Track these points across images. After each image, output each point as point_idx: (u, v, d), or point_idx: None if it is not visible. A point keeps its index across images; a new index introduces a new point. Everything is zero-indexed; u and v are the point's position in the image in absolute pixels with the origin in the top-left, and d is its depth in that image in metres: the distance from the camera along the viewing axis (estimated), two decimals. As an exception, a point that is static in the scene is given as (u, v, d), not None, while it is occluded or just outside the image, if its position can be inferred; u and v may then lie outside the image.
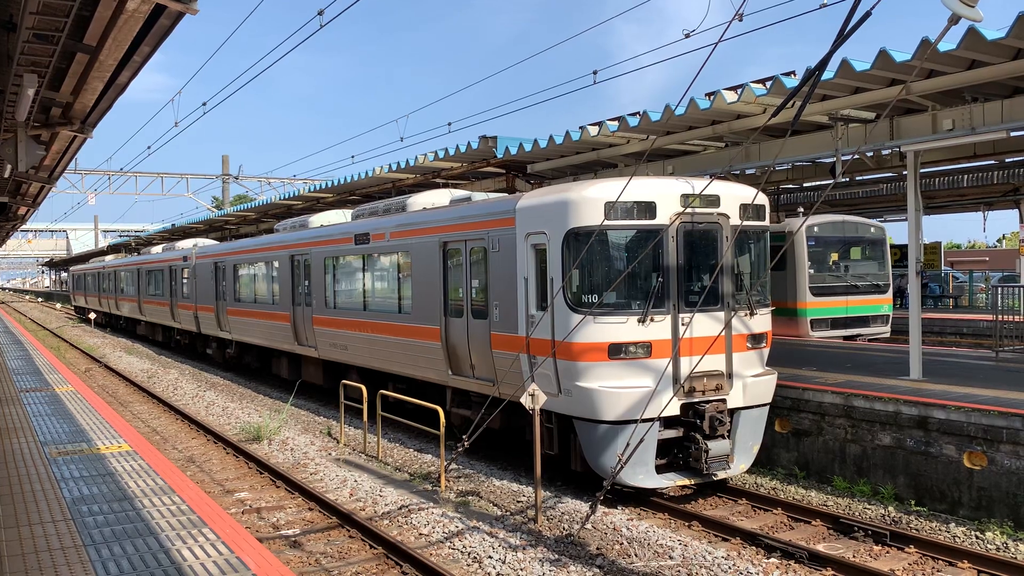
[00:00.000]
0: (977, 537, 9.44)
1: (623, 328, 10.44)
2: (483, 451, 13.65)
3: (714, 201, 10.99)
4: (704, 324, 10.78)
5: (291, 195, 29.11)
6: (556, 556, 8.83)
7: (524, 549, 9.04)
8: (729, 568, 8.46)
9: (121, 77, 9.03)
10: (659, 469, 10.55)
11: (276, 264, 20.83)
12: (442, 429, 11.86)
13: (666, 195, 10.63)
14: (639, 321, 10.44)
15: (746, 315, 11.25)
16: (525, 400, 10.14)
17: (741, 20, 9.37)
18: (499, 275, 11.91)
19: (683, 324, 10.67)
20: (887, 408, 11.10)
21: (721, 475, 10.88)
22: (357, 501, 11.27)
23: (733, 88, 13.05)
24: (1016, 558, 8.78)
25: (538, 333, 10.98)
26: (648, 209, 10.56)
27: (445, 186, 21.46)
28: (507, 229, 11.74)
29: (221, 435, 15.77)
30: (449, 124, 21.49)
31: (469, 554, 8.98)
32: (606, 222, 10.27)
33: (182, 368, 27.99)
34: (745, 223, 11.22)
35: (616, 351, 10.40)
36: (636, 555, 8.93)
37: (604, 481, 8.67)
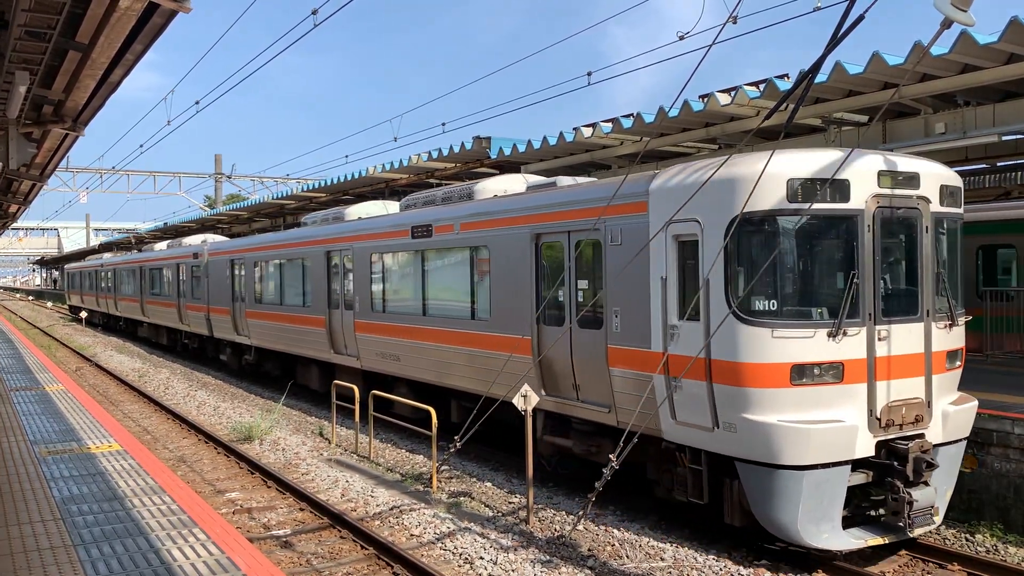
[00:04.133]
0: (967, 539, 9.48)
1: (809, 344, 8.26)
2: (475, 452, 13.64)
3: (912, 180, 8.82)
4: (901, 338, 8.71)
5: (284, 194, 29.11)
6: (548, 557, 8.84)
7: (516, 550, 9.04)
8: (720, 569, 8.48)
9: (113, 75, 9.01)
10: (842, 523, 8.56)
11: (308, 261, 18.53)
12: (434, 430, 11.83)
13: (860, 171, 8.50)
14: (829, 335, 8.28)
15: (946, 326, 9.13)
16: (517, 401, 10.13)
17: (735, 23, 9.38)
18: (621, 274, 9.76)
19: (879, 338, 8.55)
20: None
21: (918, 531, 8.64)
22: (348, 501, 11.25)
23: (727, 90, 13.09)
24: (1006, 560, 8.81)
25: (681, 348, 8.90)
26: (840, 189, 8.40)
27: (439, 186, 21.46)
28: (635, 217, 9.58)
29: (212, 435, 15.73)
30: (443, 124, 21.48)
31: (460, 555, 8.97)
32: (790, 206, 8.25)
33: (173, 367, 27.91)
34: (945, 209, 9.21)
35: (800, 374, 8.23)
36: (627, 556, 8.94)
37: (596, 482, 8.63)
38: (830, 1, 10.50)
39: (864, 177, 8.50)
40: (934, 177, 9.09)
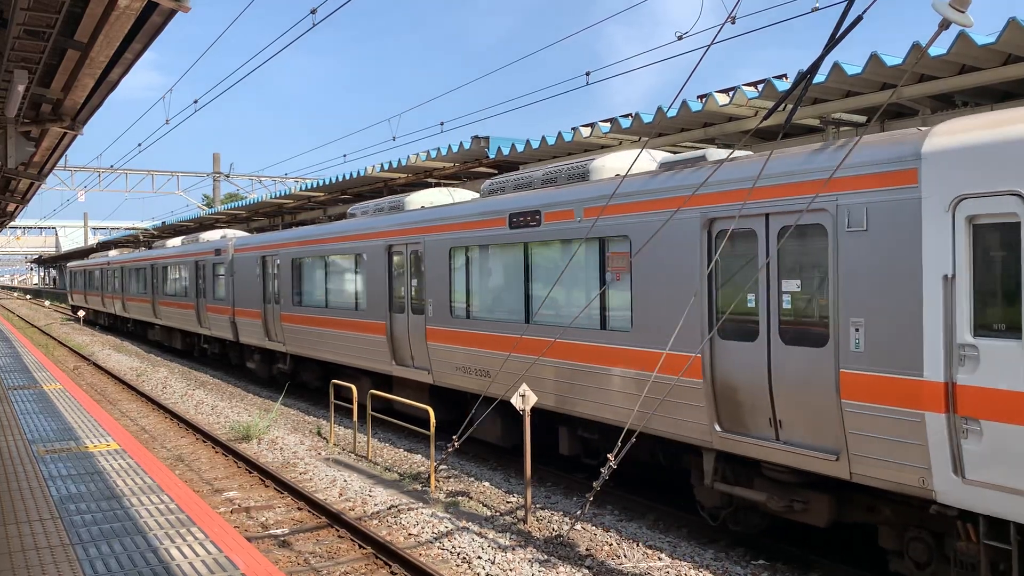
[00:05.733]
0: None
1: None
2: (473, 451, 13.65)
3: None
4: None
5: (282, 194, 29.11)
6: (546, 556, 8.85)
7: (513, 549, 9.05)
8: (718, 569, 8.49)
9: (112, 74, 9.02)
10: None
11: (363, 258, 16.03)
12: (432, 429, 11.84)
13: None
14: None
15: None
16: (515, 401, 10.13)
17: (734, 23, 9.39)
18: (863, 272, 7.37)
19: None
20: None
21: None
22: (346, 501, 11.26)
23: (725, 91, 13.11)
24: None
25: (980, 377, 6.56)
26: None
27: (436, 186, 21.47)
28: (894, 192, 7.16)
29: (210, 434, 15.73)
30: (441, 124, 21.46)
31: (458, 554, 8.98)
32: None
33: (171, 367, 27.90)
34: None
35: None
36: (625, 556, 8.95)
37: (594, 482, 8.62)
38: (829, 2, 10.52)
39: None
40: None
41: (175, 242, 30.83)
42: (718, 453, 8.84)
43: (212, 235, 27.31)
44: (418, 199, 15.49)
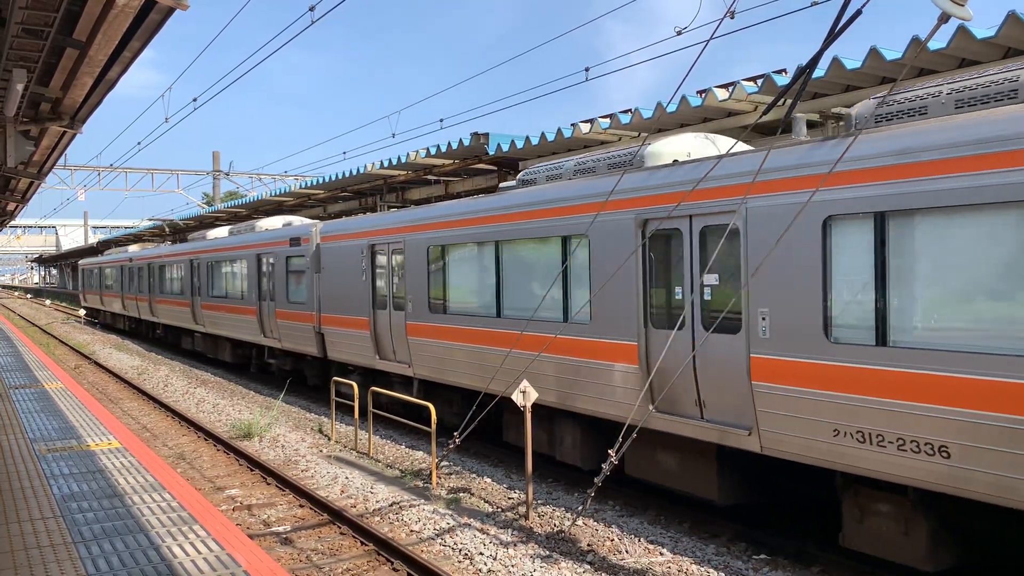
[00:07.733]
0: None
1: None
2: (474, 448, 13.66)
3: None
4: None
5: (282, 191, 29.13)
6: (547, 552, 8.86)
7: (515, 546, 9.06)
8: (719, 564, 8.50)
9: (111, 72, 9.02)
10: None
11: (581, 241, 10.63)
12: (433, 426, 11.84)
13: None
14: None
15: None
16: (516, 397, 10.13)
17: (732, 18, 9.37)
18: None
19: None
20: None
21: None
22: (348, 498, 11.27)
23: (724, 86, 13.09)
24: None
25: None
26: None
27: (437, 183, 21.47)
28: None
29: (212, 432, 15.75)
30: (441, 121, 21.47)
31: (460, 551, 8.99)
32: None
33: (172, 365, 27.93)
34: None
35: None
36: (627, 551, 8.96)
37: (595, 478, 8.64)
38: (828, -4, 10.50)
39: None
40: None
41: (220, 232, 26.16)
42: None
43: (273, 222, 22.33)
44: (667, 149, 10.34)
